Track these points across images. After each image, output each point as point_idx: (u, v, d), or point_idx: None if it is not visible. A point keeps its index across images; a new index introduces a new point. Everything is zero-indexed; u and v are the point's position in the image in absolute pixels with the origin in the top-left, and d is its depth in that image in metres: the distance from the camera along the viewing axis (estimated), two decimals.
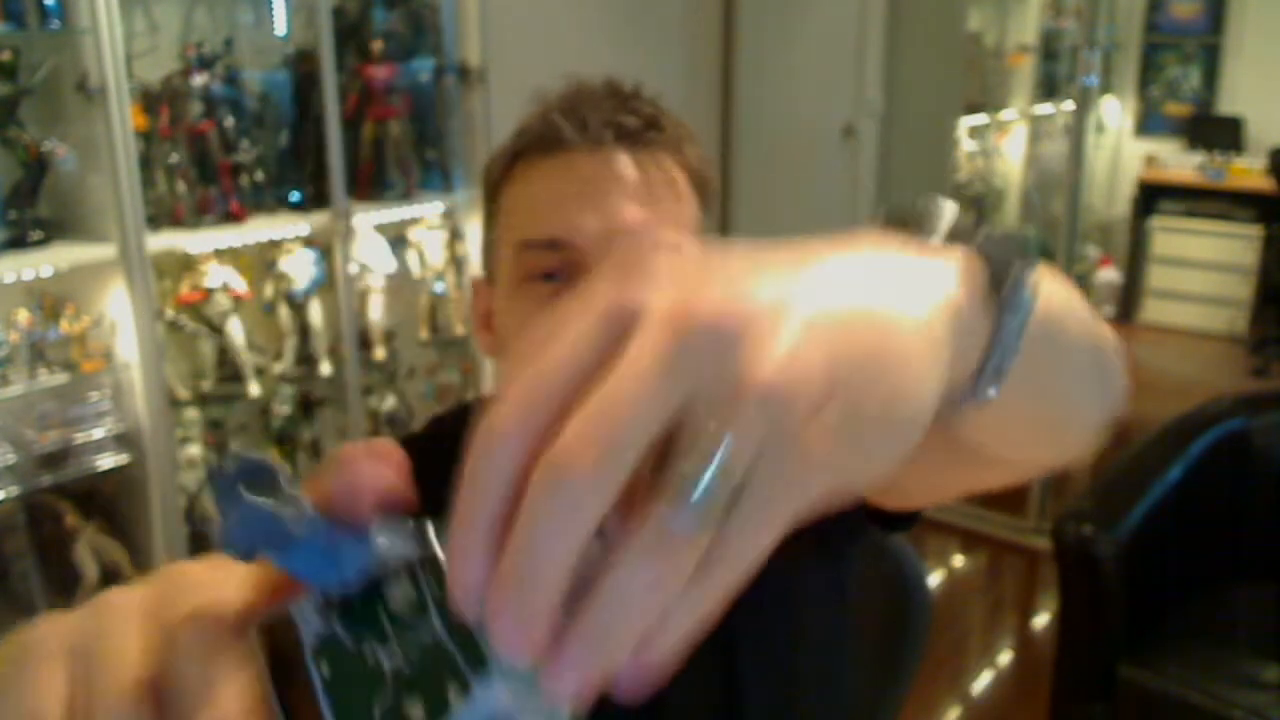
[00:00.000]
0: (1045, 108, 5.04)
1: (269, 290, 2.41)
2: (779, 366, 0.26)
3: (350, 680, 0.29)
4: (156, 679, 0.30)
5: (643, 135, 0.75)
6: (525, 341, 0.27)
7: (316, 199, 2.38)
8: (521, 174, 0.77)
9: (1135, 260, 5.52)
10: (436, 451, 0.85)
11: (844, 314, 0.29)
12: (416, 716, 0.27)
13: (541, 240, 0.73)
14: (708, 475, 0.25)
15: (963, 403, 0.37)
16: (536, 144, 0.76)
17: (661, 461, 0.26)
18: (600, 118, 0.75)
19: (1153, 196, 5.42)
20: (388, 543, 0.30)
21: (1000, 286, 0.37)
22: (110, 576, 2.09)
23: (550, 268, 0.73)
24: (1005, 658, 2.84)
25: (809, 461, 0.27)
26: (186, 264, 2.25)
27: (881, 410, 0.29)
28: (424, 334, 2.74)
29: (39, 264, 1.95)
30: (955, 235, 0.38)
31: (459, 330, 2.77)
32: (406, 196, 2.56)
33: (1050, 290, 0.42)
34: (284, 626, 0.30)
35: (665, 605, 0.25)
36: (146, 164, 2.12)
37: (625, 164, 0.74)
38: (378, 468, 0.31)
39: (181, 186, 2.20)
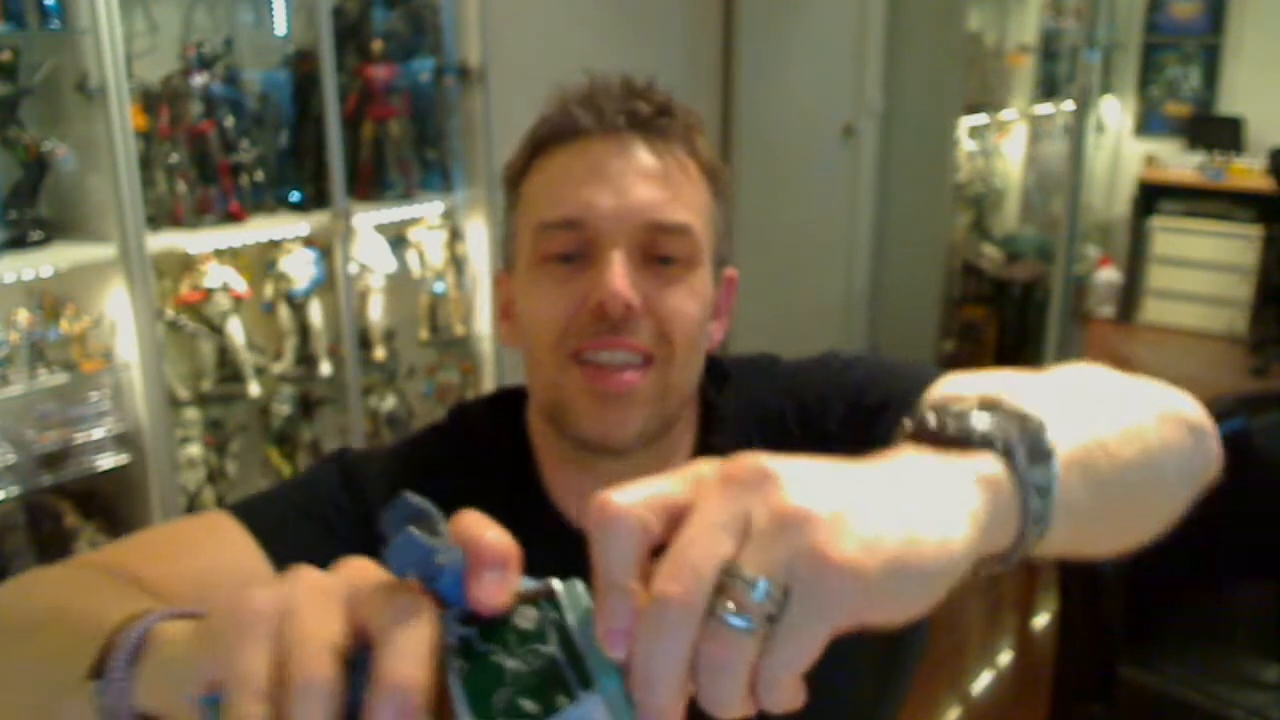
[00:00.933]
0: (1045, 108, 5.04)
1: (269, 290, 2.41)
2: (802, 497, 0.36)
3: (480, 674, 0.36)
4: (354, 632, 0.36)
5: (655, 122, 0.77)
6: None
7: (316, 199, 2.38)
8: (540, 164, 0.80)
9: (1135, 260, 5.52)
10: (471, 447, 0.86)
11: (872, 494, 0.38)
12: (530, 709, 0.35)
13: (558, 221, 0.76)
14: (744, 582, 0.34)
15: (1012, 559, 0.45)
16: (554, 134, 0.79)
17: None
18: (614, 105, 0.77)
19: (1153, 196, 5.42)
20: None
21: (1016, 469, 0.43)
22: None
23: (567, 248, 0.76)
24: (1005, 658, 2.84)
25: (833, 571, 0.35)
26: (186, 264, 2.25)
27: (896, 563, 0.36)
28: (424, 334, 2.74)
29: (39, 264, 1.95)
30: (970, 431, 0.44)
31: (459, 330, 2.76)
32: (406, 196, 2.56)
33: (1092, 427, 0.50)
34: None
35: (744, 679, 0.35)
36: (146, 164, 2.12)
37: (639, 147, 0.77)
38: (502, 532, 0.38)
39: (181, 186, 2.20)
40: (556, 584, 0.38)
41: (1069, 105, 3.59)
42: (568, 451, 0.80)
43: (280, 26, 2.41)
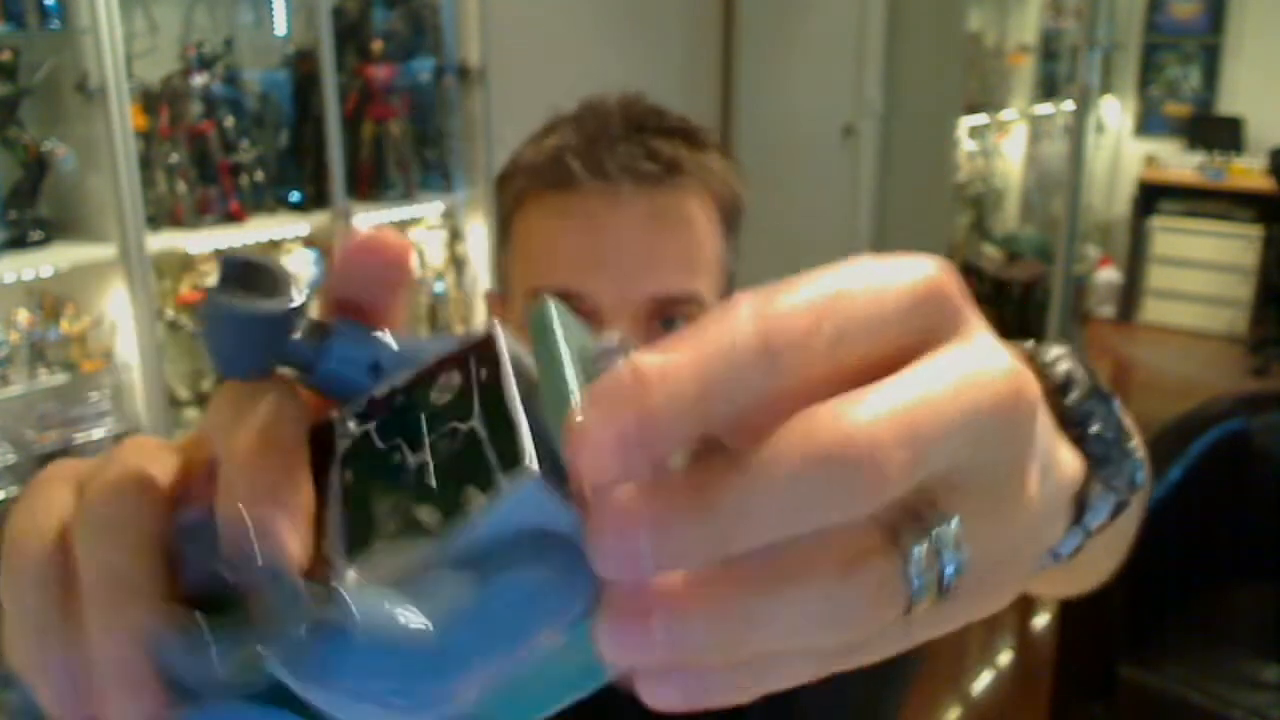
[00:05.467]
0: (1045, 108, 5.04)
1: None
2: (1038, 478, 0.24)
3: (367, 485, 0.24)
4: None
5: (662, 180, 0.70)
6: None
7: (316, 199, 2.38)
8: (537, 205, 0.73)
9: (1135, 260, 5.52)
10: None
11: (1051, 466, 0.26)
12: (427, 521, 0.22)
13: (552, 290, 0.69)
14: (955, 552, 0.21)
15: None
16: (551, 181, 0.72)
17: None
18: (616, 162, 0.69)
19: (1153, 196, 5.42)
20: (430, 341, 0.26)
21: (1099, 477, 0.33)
22: None
23: None
24: (1005, 658, 2.84)
25: (1019, 573, 0.25)
26: (186, 264, 2.25)
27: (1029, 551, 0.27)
28: (424, 334, 2.74)
29: (39, 264, 1.95)
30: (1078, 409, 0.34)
31: (459, 330, 2.76)
32: (406, 196, 2.56)
33: None
34: (326, 436, 0.26)
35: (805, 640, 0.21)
36: (146, 164, 2.12)
37: (641, 207, 0.70)
38: (390, 246, 0.26)
39: (181, 186, 2.20)
40: (498, 328, 0.25)
41: (1069, 105, 3.59)
42: None
43: (280, 26, 2.41)
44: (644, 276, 0.69)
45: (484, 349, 0.25)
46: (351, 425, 0.26)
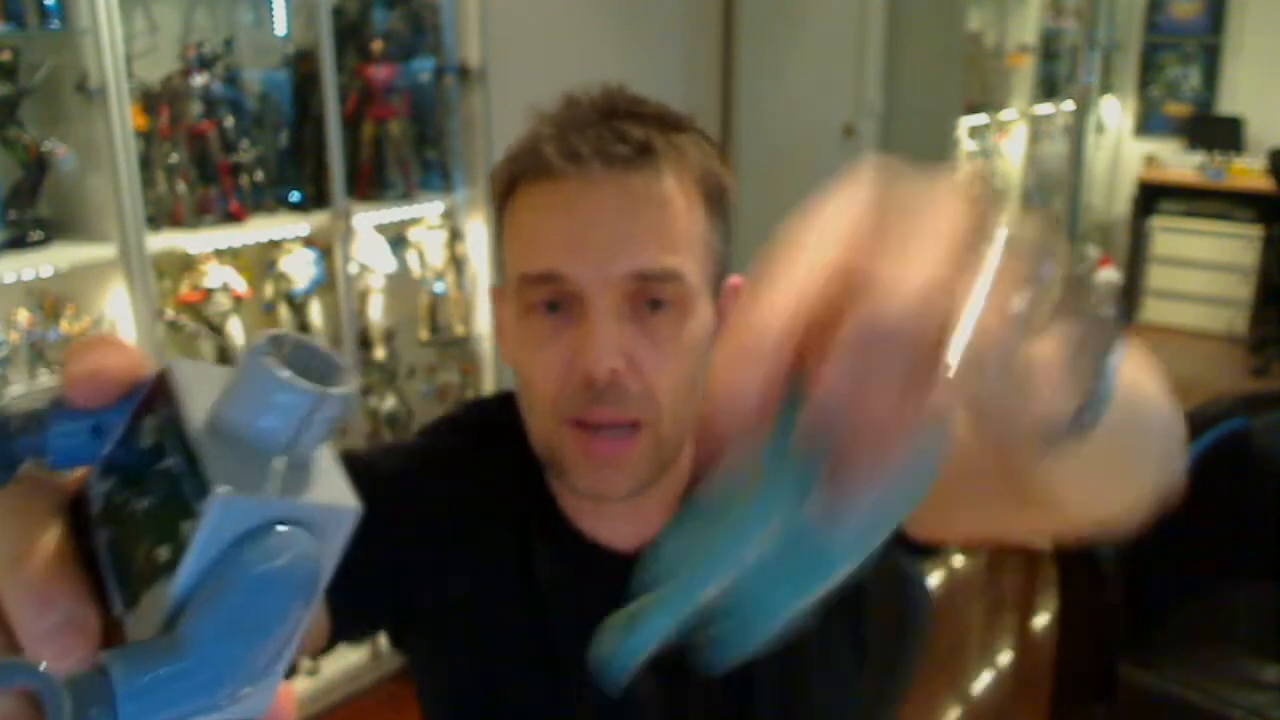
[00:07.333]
0: (1045, 108, 5.04)
1: (269, 290, 2.41)
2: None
3: (124, 538, 0.28)
4: None
5: (633, 161, 0.73)
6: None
7: (316, 199, 2.38)
8: (520, 197, 0.76)
9: (1135, 260, 5.52)
10: (493, 450, 0.84)
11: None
12: (164, 558, 0.26)
13: (536, 275, 0.73)
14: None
15: (1048, 445, 0.40)
16: (529, 170, 0.75)
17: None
18: (589, 146, 0.72)
19: (1153, 196, 5.42)
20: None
21: (1091, 352, 0.41)
22: None
23: (549, 299, 0.73)
24: (1005, 658, 2.84)
25: None
26: (186, 264, 2.25)
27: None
28: (424, 334, 2.74)
29: (39, 264, 1.95)
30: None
31: (459, 330, 2.76)
32: (406, 196, 2.56)
33: (1134, 360, 0.46)
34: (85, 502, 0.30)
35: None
36: (146, 164, 2.12)
37: (618, 189, 0.73)
38: (115, 352, 0.30)
39: (181, 186, 2.20)
40: (170, 367, 0.29)
41: (1069, 105, 3.59)
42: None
43: (280, 26, 2.41)
44: (620, 255, 0.72)
45: (162, 390, 0.28)
46: (99, 487, 0.29)
